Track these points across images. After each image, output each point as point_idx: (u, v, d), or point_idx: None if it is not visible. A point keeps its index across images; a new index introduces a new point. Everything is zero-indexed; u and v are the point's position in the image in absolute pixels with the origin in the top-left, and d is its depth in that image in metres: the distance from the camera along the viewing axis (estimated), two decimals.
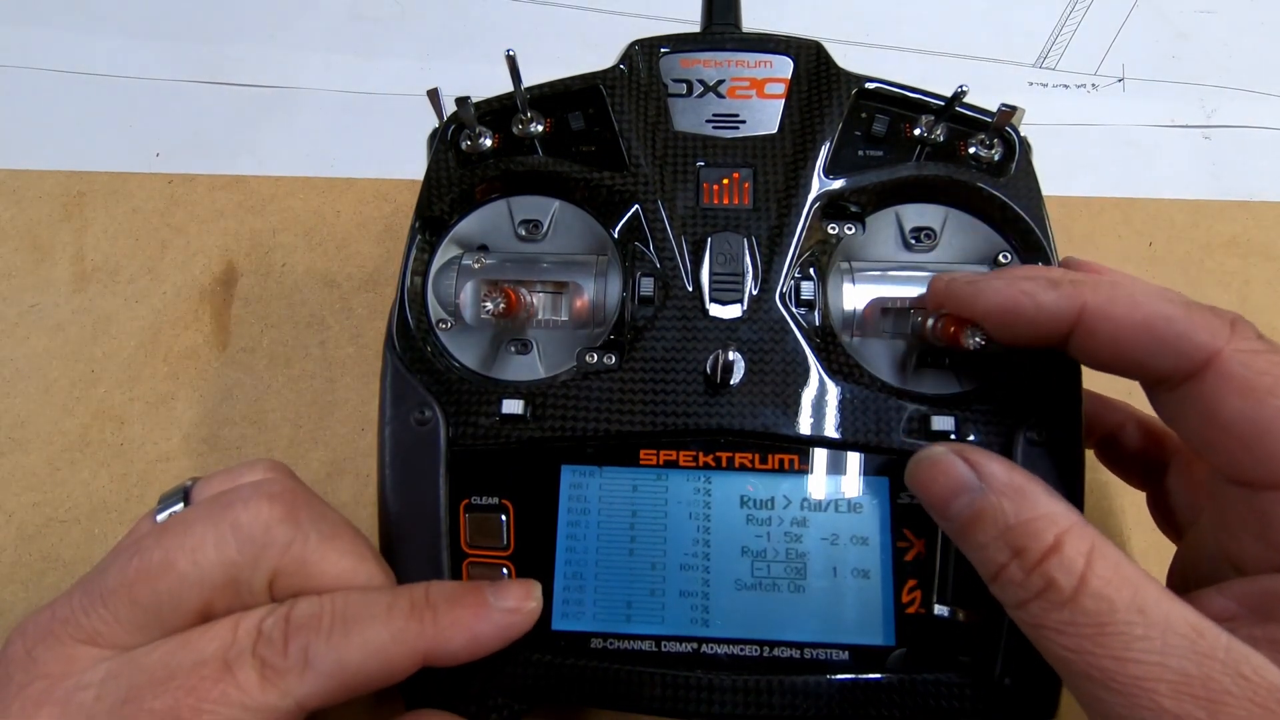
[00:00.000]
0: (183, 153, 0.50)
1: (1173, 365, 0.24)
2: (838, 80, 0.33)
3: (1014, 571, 0.23)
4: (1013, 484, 0.24)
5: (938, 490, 0.25)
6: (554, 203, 0.33)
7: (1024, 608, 0.22)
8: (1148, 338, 0.24)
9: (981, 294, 0.26)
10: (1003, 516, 0.23)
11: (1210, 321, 0.23)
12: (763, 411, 0.29)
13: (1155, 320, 0.24)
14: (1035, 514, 0.23)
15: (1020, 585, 0.22)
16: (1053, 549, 0.22)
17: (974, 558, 0.24)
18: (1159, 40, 0.54)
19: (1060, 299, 0.25)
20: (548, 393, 0.30)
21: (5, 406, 0.43)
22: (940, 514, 0.25)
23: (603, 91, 0.33)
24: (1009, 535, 0.23)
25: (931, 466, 0.25)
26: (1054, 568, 0.22)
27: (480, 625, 0.25)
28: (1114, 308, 0.24)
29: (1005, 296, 0.26)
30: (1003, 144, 0.33)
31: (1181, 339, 0.23)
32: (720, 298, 0.30)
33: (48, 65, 0.53)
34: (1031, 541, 0.22)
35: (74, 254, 0.46)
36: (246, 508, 0.25)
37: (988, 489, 0.24)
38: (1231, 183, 0.49)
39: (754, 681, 0.27)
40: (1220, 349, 0.23)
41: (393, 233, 0.47)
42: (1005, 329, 0.26)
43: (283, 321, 0.44)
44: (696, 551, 0.28)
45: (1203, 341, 0.23)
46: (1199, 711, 0.19)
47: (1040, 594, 0.22)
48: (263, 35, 0.54)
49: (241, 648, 0.23)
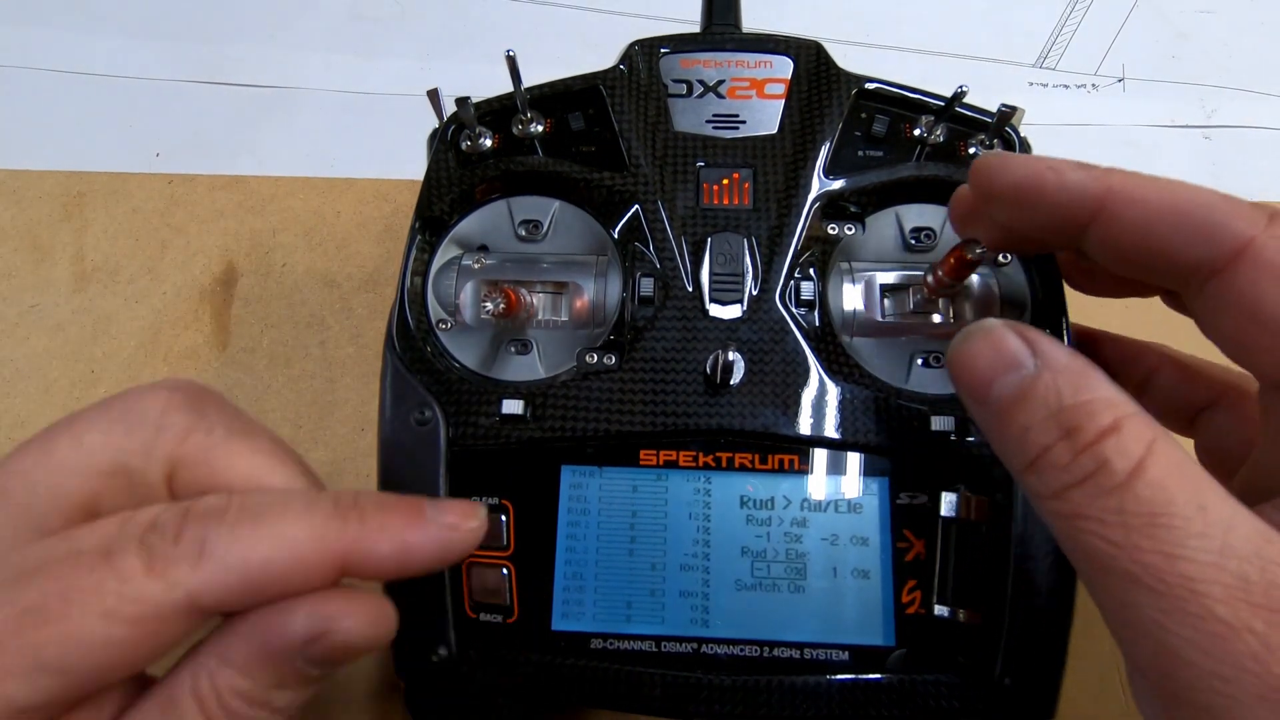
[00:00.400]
0: (183, 153, 0.50)
1: (1204, 254, 0.21)
2: (838, 80, 0.33)
3: (1060, 453, 0.20)
4: (1073, 365, 0.21)
5: (982, 364, 0.22)
6: (554, 203, 0.33)
7: (1064, 496, 0.20)
8: (1178, 222, 0.22)
9: (1008, 166, 0.24)
10: (1056, 395, 0.20)
11: (1247, 210, 0.21)
12: (763, 411, 0.29)
13: (1187, 205, 0.22)
14: (1094, 395, 0.20)
15: (1065, 469, 0.20)
16: (1111, 429, 0.20)
17: (1008, 445, 0.21)
18: (1159, 40, 0.54)
19: (1087, 178, 0.23)
20: (548, 393, 0.30)
21: (5, 406, 0.43)
22: (979, 393, 0.22)
23: (603, 91, 0.33)
24: (1061, 415, 0.20)
25: (981, 339, 0.22)
26: (1110, 449, 0.19)
27: (412, 534, 0.22)
28: (1143, 190, 0.22)
29: (1031, 169, 0.24)
30: (1003, 144, 0.33)
31: (1215, 226, 0.21)
32: (720, 298, 0.30)
33: (48, 65, 0.53)
34: (1088, 420, 0.20)
35: (74, 254, 0.46)
36: (142, 395, 0.23)
37: (1043, 366, 0.21)
38: (1231, 183, 0.49)
39: (754, 682, 0.27)
40: (1256, 235, 0.21)
41: (393, 233, 0.47)
42: (1024, 209, 0.24)
43: (283, 321, 0.44)
44: (696, 552, 0.28)
45: (1239, 229, 0.21)
46: (1256, 621, 0.17)
47: (1089, 478, 0.19)
48: (263, 35, 0.54)
49: (127, 537, 0.20)
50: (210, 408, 0.23)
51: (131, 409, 0.22)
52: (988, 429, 0.22)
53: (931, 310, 0.31)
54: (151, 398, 0.23)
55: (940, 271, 0.29)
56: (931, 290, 0.30)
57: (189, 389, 0.23)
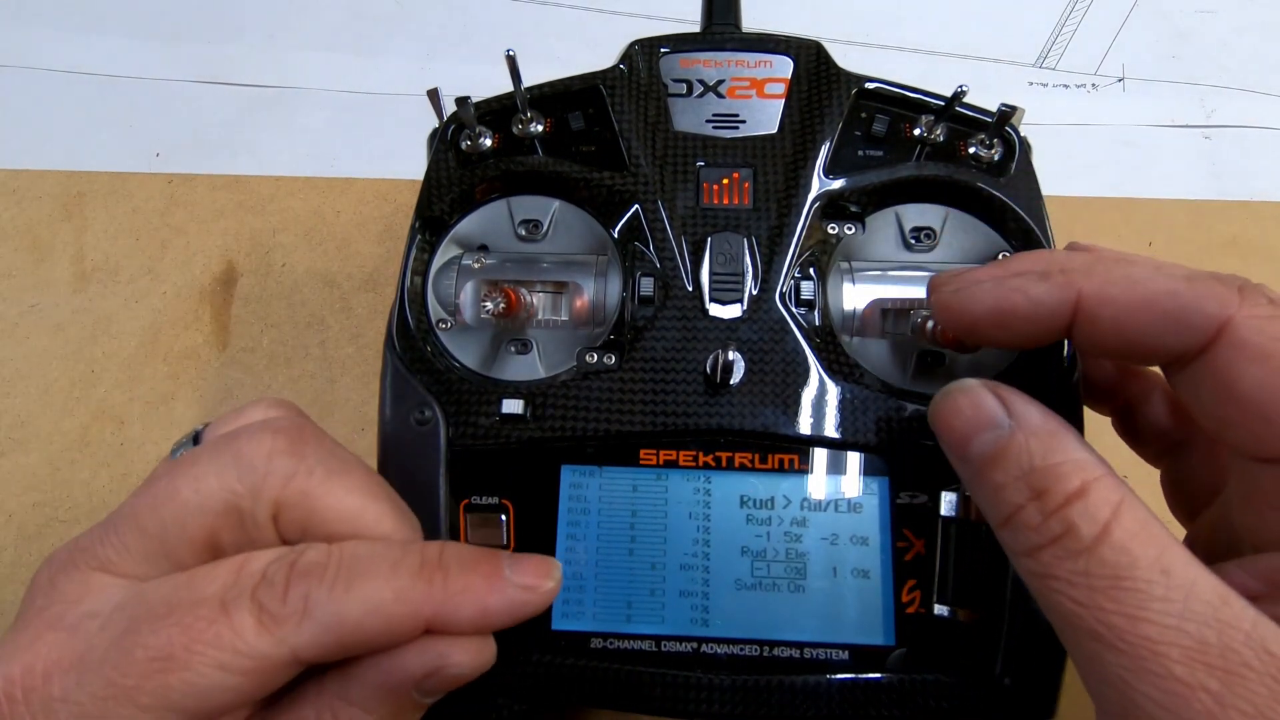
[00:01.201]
0: (183, 153, 0.50)
1: (1183, 341, 0.22)
2: (838, 80, 0.33)
3: (1030, 514, 0.21)
4: (1046, 427, 0.22)
5: (961, 424, 0.23)
6: (554, 203, 0.33)
7: (1034, 555, 0.21)
8: (1152, 317, 0.22)
9: (972, 301, 0.25)
10: (1028, 457, 0.21)
11: (1216, 290, 0.22)
12: (762, 411, 0.29)
13: (1157, 297, 0.22)
14: (1064, 458, 0.21)
15: (1035, 530, 0.21)
16: (1077, 494, 0.20)
17: (985, 501, 0.23)
18: (1159, 40, 0.54)
19: (1053, 289, 0.23)
20: (548, 393, 0.30)
21: (5, 406, 0.43)
22: (959, 451, 0.23)
23: (603, 91, 0.33)
24: (1031, 477, 0.21)
25: (959, 398, 0.23)
26: (1076, 513, 0.20)
27: (492, 598, 0.23)
28: (1111, 289, 0.23)
29: (996, 298, 0.24)
30: (1002, 144, 0.33)
31: (1188, 312, 0.21)
32: (720, 298, 0.30)
33: (48, 65, 0.53)
34: (1056, 484, 0.21)
35: (74, 254, 0.46)
36: (250, 439, 0.25)
37: (1016, 427, 0.22)
38: (1231, 183, 0.49)
39: (754, 681, 0.27)
40: (1231, 316, 0.21)
41: (393, 233, 0.47)
42: (1003, 331, 0.25)
43: (283, 321, 0.44)
44: (696, 551, 0.28)
45: (1211, 312, 0.21)
46: (1212, 681, 0.18)
47: (1056, 540, 0.20)
48: (263, 35, 0.54)
49: (242, 589, 0.23)
50: (309, 448, 0.25)
51: (241, 455, 0.24)
52: (968, 483, 0.24)
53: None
54: (258, 442, 0.25)
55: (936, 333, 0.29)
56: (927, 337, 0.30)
57: (290, 431, 0.25)
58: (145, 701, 0.21)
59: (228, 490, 0.24)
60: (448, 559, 0.24)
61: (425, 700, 0.24)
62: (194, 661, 0.21)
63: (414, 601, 0.23)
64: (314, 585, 0.22)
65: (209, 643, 0.22)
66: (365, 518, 0.25)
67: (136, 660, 0.22)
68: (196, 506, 0.24)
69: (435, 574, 0.23)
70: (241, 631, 0.22)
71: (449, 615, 0.23)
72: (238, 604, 0.22)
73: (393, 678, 0.23)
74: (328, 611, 0.22)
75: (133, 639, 0.22)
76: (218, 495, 0.24)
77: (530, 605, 0.24)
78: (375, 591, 0.23)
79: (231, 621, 0.22)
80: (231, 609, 0.22)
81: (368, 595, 0.22)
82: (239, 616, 0.22)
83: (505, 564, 0.24)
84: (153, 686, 0.21)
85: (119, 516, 0.24)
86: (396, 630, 0.23)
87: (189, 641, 0.22)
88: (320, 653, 0.22)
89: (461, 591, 0.23)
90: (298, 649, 0.22)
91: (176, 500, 0.24)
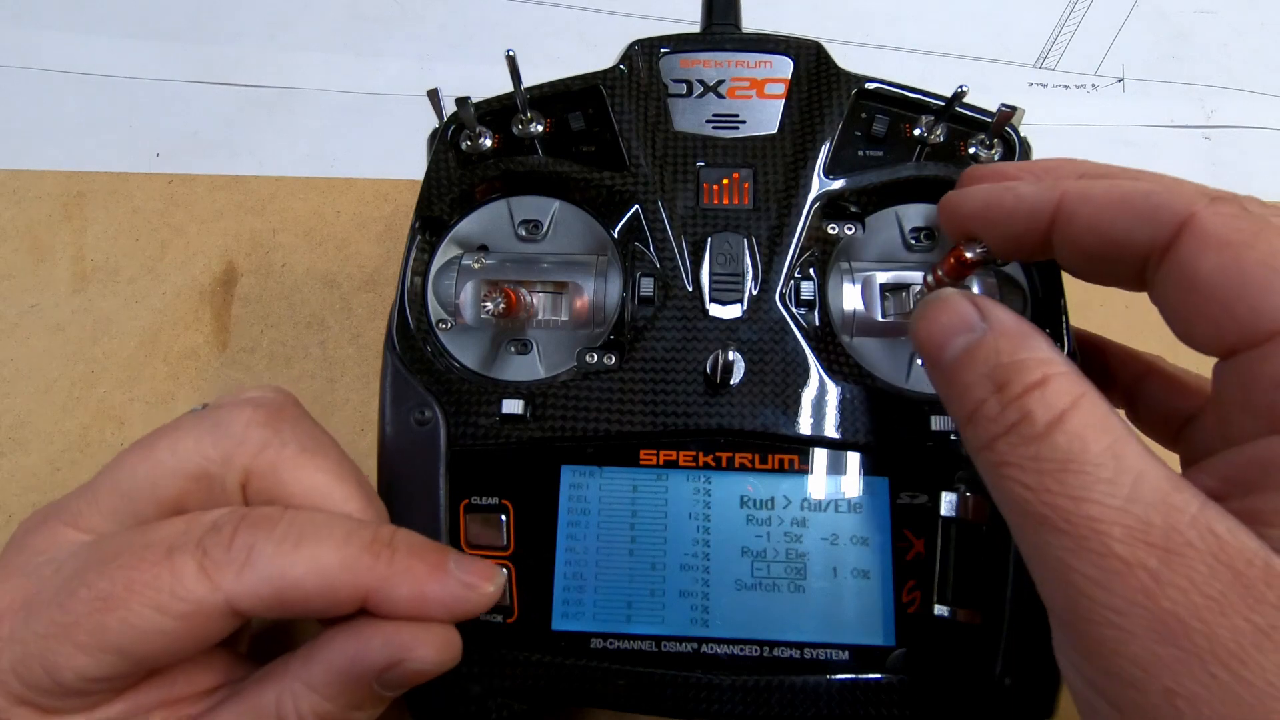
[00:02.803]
0: (183, 153, 0.50)
1: (1151, 235, 0.22)
2: (838, 80, 0.33)
3: (991, 405, 0.21)
4: (1018, 329, 0.22)
5: (938, 328, 0.23)
6: (554, 203, 0.33)
7: (991, 446, 0.21)
8: (1125, 210, 0.23)
9: (967, 197, 0.26)
10: (995, 354, 0.22)
11: (1189, 190, 0.22)
12: (762, 411, 0.29)
13: (1131, 195, 0.23)
14: (1029, 355, 0.21)
15: (993, 420, 0.21)
16: (1037, 384, 0.21)
17: (953, 402, 0.23)
18: (1159, 40, 0.54)
19: (1040, 190, 0.24)
20: (548, 393, 0.30)
21: (5, 406, 0.43)
22: (935, 356, 0.24)
23: (603, 91, 0.33)
24: (996, 372, 0.22)
25: (938, 305, 0.24)
26: (1034, 401, 0.20)
27: (431, 585, 0.24)
28: (1093, 189, 0.23)
29: (988, 194, 0.26)
30: (1002, 144, 0.33)
31: (1157, 208, 0.22)
32: (720, 298, 0.30)
33: (48, 65, 0.53)
34: (1017, 376, 0.21)
35: (74, 254, 0.46)
36: (230, 409, 0.26)
37: (989, 329, 0.22)
38: (1231, 183, 0.49)
39: (754, 682, 0.27)
40: (1196, 210, 0.21)
41: (393, 233, 0.47)
42: (993, 228, 0.26)
43: (283, 321, 0.44)
44: (696, 552, 0.28)
45: (1179, 207, 0.22)
46: (1151, 558, 0.18)
47: (1011, 428, 0.21)
48: (263, 35, 0.54)
49: (190, 537, 0.23)
50: (287, 423, 0.26)
51: (220, 422, 0.25)
52: (940, 390, 0.24)
53: None
54: (238, 412, 0.25)
55: (940, 272, 0.29)
56: (931, 290, 0.30)
57: (272, 404, 0.26)
58: (83, 639, 0.22)
59: (202, 455, 0.25)
60: (398, 541, 0.24)
61: (386, 694, 0.24)
62: (132, 601, 0.22)
63: (357, 572, 0.23)
64: (261, 538, 0.23)
65: (147, 584, 0.22)
66: (332, 497, 0.25)
67: (79, 599, 0.22)
68: (171, 468, 0.25)
69: (383, 550, 0.24)
70: (181, 575, 0.22)
71: (387, 593, 0.23)
72: (183, 550, 0.23)
73: (355, 666, 0.23)
74: (272, 566, 0.22)
75: (78, 580, 0.22)
76: (192, 459, 0.25)
77: (468, 604, 0.25)
78: (323, 555, 0.23)
79: (173, 565, 0.22)
80: (175, 554, 0.22)
81: (315, 555, 0.23)
82: (181, 560, 0.22)
83: (452, 559, 0.25)
84: (90, 624, 0.22)
85: (99, 476, 0.25)
86: (335, 597, 0.23)
87: (129, 582, 0.22)
88: (256, 604, 0.23)
89: (404, 572, 0.24)
90: (234, 597, 0.22)
91: (152, 460, 0.25)
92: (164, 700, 0.24)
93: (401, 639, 0.24)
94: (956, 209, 0.27)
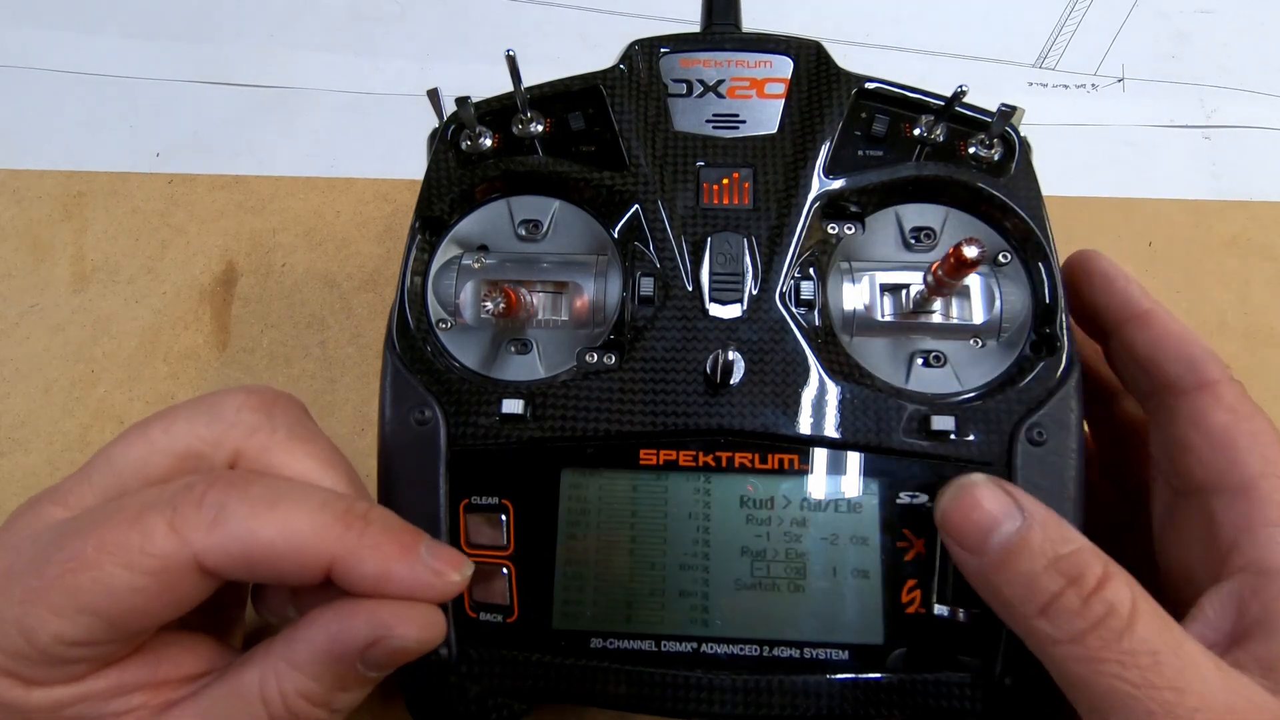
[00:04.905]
0: (183, 153, 0.50)
1: (1183, 376, 0.28)
2: (838, 80, 0.33)
3: (1070, 599, 0.22)
4: (1051, 517, 0.24)
5: (980, 516, 0.24)
6: (554, 203, 0.33)
7: (1080, 640, 0.22)
8: (1179, 349, 0.28)
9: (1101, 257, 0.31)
10: (1051, 545, 0.23)
11: (1217, 358, 0.28)
12: (762, 411, 0.29)
13: (1186, 338, 0.28)
14: (1079, 545, 0.23)
15: (1078, 614, 0.22)
16: (1105, 577, 0.22)
17: (1014, 592, 0.24)
18: (1159, 40, 0.54)
19: (1144, 294, 0.30)
20: (548, 393, 0.30)
21: (5, 406, 0.43)
22: (975, 546, 0.24)
23: (603, 91, 0.33)
24: (1060, 564, 0.23)
25: (971, 492, 0.25)
26: (1111, 593, 0.22)
27: (398, 565, 0.24)
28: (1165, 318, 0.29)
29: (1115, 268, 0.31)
30: (1002, 144, 0.33)
31: (1198, 361, 0.28)
32: (720, 298, 0.30)
33: (48, 65, 0.53)
34: (1086, 569, 0.23)
35: (74, 254, 0.46)
36: (224, 395, 0.26)
37: (1029, 518, 0.24)
38: (1231, 183, 0.49)
39: (754, 681, 0.27)
40: (1220, 380, 0.27)
41: (393, 233, 0.47)
42: (1092, 289, 0.31)
43: (283, 321, 0.44)
44: (696, 551, 0.28)
45: (1211, 371, 0.27)
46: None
47: (1100, 623, 0.22)
48: (263, 35, 0.54)
49: (163, 498, 0.23)
50: (279, 411, 0.26)
51: (214, 405, 0.26)
52: (983, 578, 0.25)
53: (931, 309, 0.31)
54: (232, 397, 0.26)
55: (940, 271, 0.29)
56: (931, 289, 0.30)
57: (266, 393, 0.27)
58: (57, 601, 0.22)
59: (194, 435, 0.25)
60: (373, 516, 0.24)
61: (370, 674, 0.24)
62: (103, 561, 0.22)
63: (327, 539, 0.23)
64: (235, 497, 0.23)
65: (118, 543, 0.22)
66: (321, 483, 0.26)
67: (53, 563, 0.22)
68: (162, 447, 0.25)
69: (356, 522, 0.24)
70: (150, 532, 0.22)
71: (353, 563, 0.23)
72: (154, 509, 0.23)
73: (337, 644, 0.23)
74: (242, 525, 0.23)
75: (54, 547, 0.23)
76: (183, 439, 0.25)
77: (433, 589, 0.25)
78: (295, 519, 0.23)
79: (143, 523, 0.22)
80: (146, 513, 0.23)
81: (287, 519, 0.23)
82: (151, 519, 0.22)
83: (424, 544, 0.25)
84: (63, 586, 0.22)
85: (94, 458, 0.26)
86: (302, 561, 0.23)
87: (100, 542, 0.22)
88: (225, 562, 0.23)
89: (373, 547, 0.24)
90: (202, 554, 0.22)
91: (144, 440, 0.25)
92: (148, 681, 0.24)
93: (383, 617, 0.24)
94: (1089, 259, 0.31)
